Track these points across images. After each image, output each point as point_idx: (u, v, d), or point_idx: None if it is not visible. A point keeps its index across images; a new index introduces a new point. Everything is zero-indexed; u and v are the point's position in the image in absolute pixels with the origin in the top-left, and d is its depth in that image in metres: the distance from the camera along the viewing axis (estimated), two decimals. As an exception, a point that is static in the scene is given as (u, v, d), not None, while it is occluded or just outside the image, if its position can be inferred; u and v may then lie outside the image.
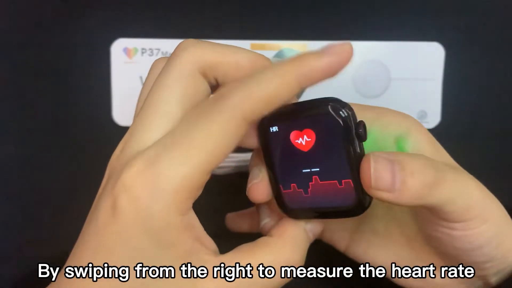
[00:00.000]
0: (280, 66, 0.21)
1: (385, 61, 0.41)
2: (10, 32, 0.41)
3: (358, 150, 0.23)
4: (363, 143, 0.23)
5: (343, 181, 0.23)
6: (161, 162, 0.21)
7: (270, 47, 0.41)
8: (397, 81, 0.41)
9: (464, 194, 0.23)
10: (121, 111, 0.40)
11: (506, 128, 0.41)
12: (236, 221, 0.35)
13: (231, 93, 0.21)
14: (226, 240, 0.32)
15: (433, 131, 0.41)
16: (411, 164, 0.22)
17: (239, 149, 0.24)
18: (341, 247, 0.30)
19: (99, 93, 0.40)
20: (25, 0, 0.41)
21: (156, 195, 0.20)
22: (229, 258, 0.23)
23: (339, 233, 0.30)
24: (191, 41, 0.23)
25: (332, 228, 0.30)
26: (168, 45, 0.40)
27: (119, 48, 0.40)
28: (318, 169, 0.23)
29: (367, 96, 0.41)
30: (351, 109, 0.23)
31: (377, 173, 0.22)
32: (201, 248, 0.22)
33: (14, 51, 0.41)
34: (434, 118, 0.41)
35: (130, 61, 0.40)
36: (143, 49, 0.40)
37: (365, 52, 0.41)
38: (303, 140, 0.23)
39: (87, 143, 0.41)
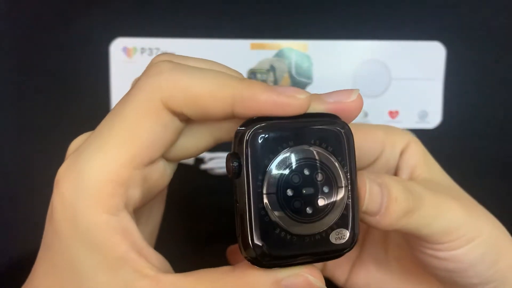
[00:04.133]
0: (222, 76, 0.20)
1: (385, 60, 0.41)
2: (9, 32, 0.40)
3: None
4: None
5: None
6: (83, 154, 0.19)
7: (270, 47, 0.40)
8: (397, 80, 0.41)
9: (441, 218, 0.23)
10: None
11: (506, 128, 0.41)
12: (238, 255, 0.31)
13: (155, 74, 0.19)
14: (228, 242, 0.32)
15: (434, 131, 0.41)
16: (395, 189, 0.22)
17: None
18: (341, 280, 0.29)
19: (98, 92, 0.40)
20: (24, -1, 0.40)
21: (79, 190, 0.19)
22: (171, 280, 0.19)
23: (340, 266, 0.29)
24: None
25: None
26: (167, 44, 0.40)
27: (119, 47, 0.40)
28: None
29: (367, 96, 0.41)
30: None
31: (372, 197, 0.21)
32: (139, 260, 0.19)
33: (13, 51, 0.41)
34: (435, 118, 0.41)
35: (130, 61, 0.40)
36: (142, 48, 0.40)
37: (365, 52, 0.40)
38: None
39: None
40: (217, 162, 0.39)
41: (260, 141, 0.19)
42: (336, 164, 0.19)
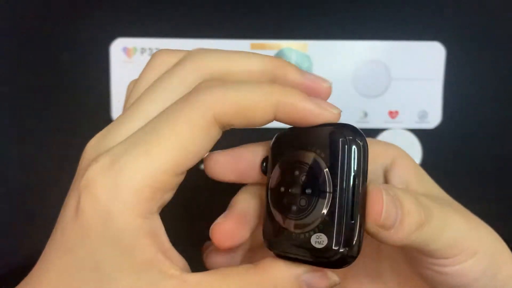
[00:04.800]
0: (266, 86, 0.21)
1: (385, 60, 0.41)
2: (10, 32, 0.40)
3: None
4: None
5: None
6: (124, 158, 0.20)
7: (270, 47, 0.40)
8: (397, 81, 0.41)
9: (448, 230, 0.22)
10: (120, 111, 0.40)
11: (506, 128, 0.41)
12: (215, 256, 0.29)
13: (206, 90, 0.20)
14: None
15: (433, 131, 0.41)
16: (408, 201, 0.21)
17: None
18: None
19: (99, 92, 0.40)
20: (25, 0, 0.41)
21: (116, 193, 0.19)
22: (196, 279, 0.20)
23: None
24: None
25: None
26: (167, 44, 0.40)
27: (119, 47, 0.40)
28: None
29: (367, 96, 0.41)
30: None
31: (388, 209, 0.21)
32: (166, 261, 0.20)
33: (13, 51, 0.41)
34: (435, 118, 0.41)
35: (130, 61, 0.40)
36: (142, 48, 0.40)
37: (365, 52, 0.40)
38: None
39: (86, 143, 0.40)
40: (217, 162, 0.39)
41: (276, 144, 0.22)
42: (324, 169, 0.20)
